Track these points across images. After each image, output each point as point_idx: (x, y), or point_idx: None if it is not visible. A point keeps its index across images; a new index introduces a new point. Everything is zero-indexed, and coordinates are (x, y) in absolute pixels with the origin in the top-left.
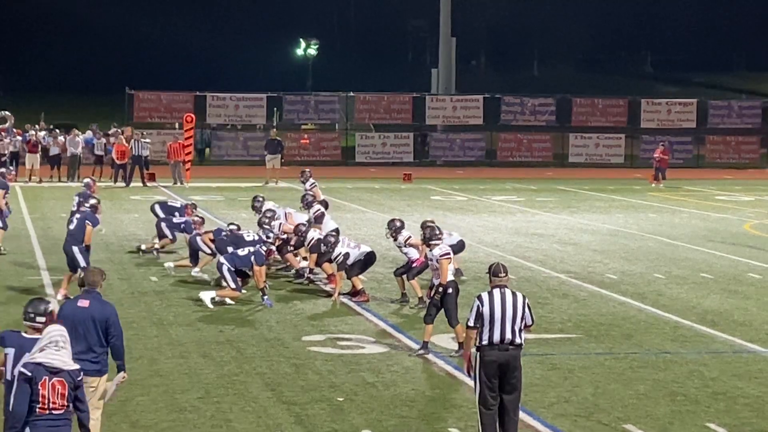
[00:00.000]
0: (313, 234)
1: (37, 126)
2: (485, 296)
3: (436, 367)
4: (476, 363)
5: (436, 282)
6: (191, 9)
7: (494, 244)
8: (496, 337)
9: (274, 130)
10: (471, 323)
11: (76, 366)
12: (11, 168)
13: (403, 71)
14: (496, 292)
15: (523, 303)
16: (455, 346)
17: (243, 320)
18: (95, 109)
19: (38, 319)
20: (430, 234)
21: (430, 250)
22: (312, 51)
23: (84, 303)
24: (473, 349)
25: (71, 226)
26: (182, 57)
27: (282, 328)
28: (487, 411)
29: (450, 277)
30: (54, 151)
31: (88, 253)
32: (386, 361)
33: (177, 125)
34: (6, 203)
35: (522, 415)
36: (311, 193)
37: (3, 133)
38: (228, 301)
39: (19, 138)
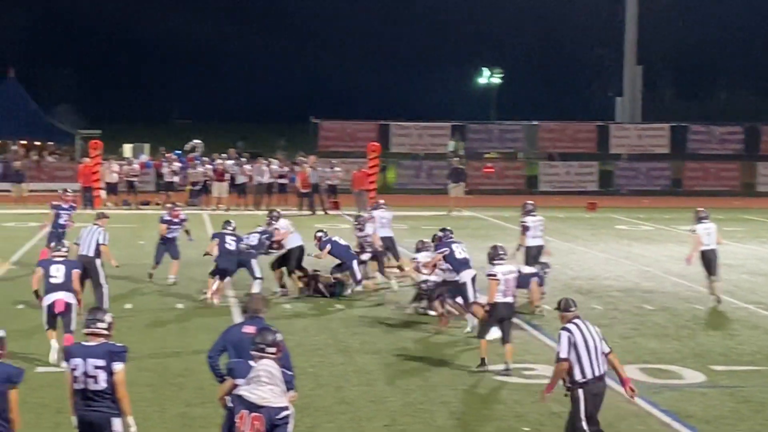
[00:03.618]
0: None
1: (224, 155)
2: (572, 327)
3: (622, 399)
4: (579, 399)
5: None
6: (375, 41)
7: (681, 274)
8: (597, 368)
9: (458, 159)
10: (564, 355)
11: (281, 404)
12: (177, 205)
13: (586, 99)
14: (578, 322)
15: (597, 330)
16: (642, 377)
17: (429, 348)
18: (281, 138)
19: (268, 350)
20: (493, 253)
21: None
22: (495, 80)
23: (249, 329)
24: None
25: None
26: (365, 87)
27: (468, 356)
28: None
29: (497, 299)
30: (241, 179)
31: None
32: None
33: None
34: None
35: None
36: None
37: (195, 162)
38: None
39: (209, 167)
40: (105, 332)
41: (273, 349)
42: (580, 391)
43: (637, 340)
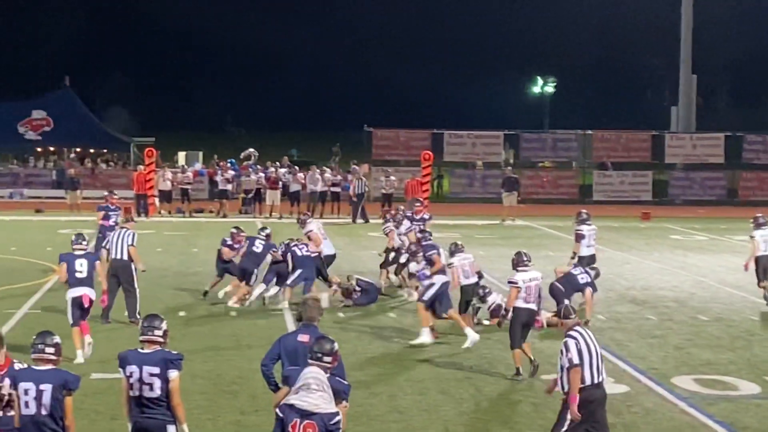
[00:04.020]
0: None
1: (278, 163)
2: (575, 334)
3: (677, 410)
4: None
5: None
6: (429, 50)
7: (737, 285)
8: (596, 376)
9: (510, 167)
10: (577, 361)
11: (332, 410)
12: (241, 230)
13: (640, 109)
14: (580, 329)
15: (595, 338)
16: (697, 388)
17: (481, 358)
18: (334, 146)
19: (325, 359)
20: (517, 260)
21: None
22: (549, 89)
23: (304, 338)
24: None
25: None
26: (419, 95)
27: (520, 366)
28: None
29: (516, 304)
30: (294, 187)
31: None
32: (626, 401)
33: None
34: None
35: None
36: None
37: (248, 170)
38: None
39: (262, 175)
40: (160, 339)
41: (329, 359)
42: (578, 396)
43: (692, 351)
